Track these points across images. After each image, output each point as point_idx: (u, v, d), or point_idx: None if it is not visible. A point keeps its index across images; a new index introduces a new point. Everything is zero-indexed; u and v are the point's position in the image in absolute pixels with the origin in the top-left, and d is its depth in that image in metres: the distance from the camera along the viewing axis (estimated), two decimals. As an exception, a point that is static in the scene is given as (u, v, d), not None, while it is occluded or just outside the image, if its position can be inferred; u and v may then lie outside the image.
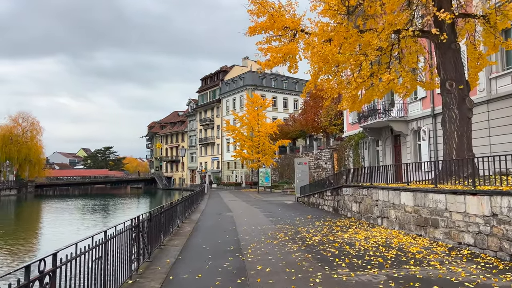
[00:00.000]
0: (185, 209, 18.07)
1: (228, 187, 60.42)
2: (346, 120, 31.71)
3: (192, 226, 14.61)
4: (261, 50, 12.02)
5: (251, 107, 49.39)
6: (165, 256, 9.12)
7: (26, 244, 19.52)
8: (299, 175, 25.67)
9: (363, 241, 9.92)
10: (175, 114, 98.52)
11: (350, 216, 15.47)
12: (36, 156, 74.50)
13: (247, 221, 15.50)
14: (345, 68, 11.94)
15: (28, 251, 17.10)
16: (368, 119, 25.78)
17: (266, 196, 36.14)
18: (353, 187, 14.92)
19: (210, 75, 79.09)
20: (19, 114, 74.45)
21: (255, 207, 23.05)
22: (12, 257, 15.95)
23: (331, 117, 43.66)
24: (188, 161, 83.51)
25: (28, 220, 32.82)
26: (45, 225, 29.18)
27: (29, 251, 17.13)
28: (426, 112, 21.84)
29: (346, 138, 30.61)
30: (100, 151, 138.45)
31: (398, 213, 11.34)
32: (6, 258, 15.73)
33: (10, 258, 15.76)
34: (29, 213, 40.23)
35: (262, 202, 27.60)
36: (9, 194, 60.32)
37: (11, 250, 17.42)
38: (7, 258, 15.71)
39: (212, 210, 22.68)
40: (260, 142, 46.72)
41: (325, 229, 12.27)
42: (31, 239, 21.54)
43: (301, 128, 52.67)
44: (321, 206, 19.64)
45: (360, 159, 27.31)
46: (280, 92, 68.72)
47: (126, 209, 40.30)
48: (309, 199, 22.32)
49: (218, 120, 72.08)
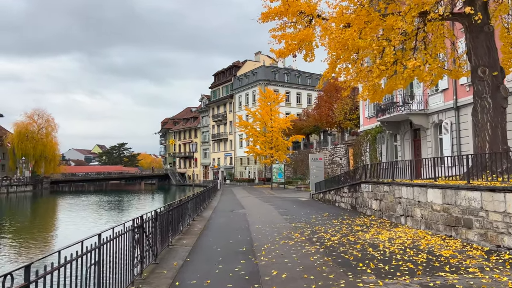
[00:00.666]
0: (197, 206, 17.46)
1: (241, 183, 59.86)
2: (362, 114, 30.67)
3: (203, 224, 13.97)
4: (274, 37, 11.22)
5: (264, 102, 48.60)
6: (172, 257, 8.47)
7: (33, 241, 19.22)
8: (314, 171, 24.81)
9: (387, 242, 9.09)
10: (188, 110, 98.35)
11: (369, 214, 14.60)
12: (51, 153, 75.19)
13: (260, 219, 14.80)
14: (365, 55, 11.07)
15: (31, 250, 16.75)
16: (386, 113, 24.74)
17: (280, 192, 35.39)
18: (373, 184, 14.05)
19: (223, 70, 78.45)
20: (34, 111, 75.21)
21: (269, 204, 22.34)
22: (13, 256, 15.60)
23: (346, 112, 42.58)
24: (201, 157, 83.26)
25: (41, 216, 32.80)
26: (57, 221, 29.06)
27: (32, 249, 16.78)
28: (448, 104, 20.71)
29: (362, 133, 29.59)
30: (115, 148, 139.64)
31: (425, 212, 10.46)
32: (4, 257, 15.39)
33: (9, 257, 15.41)
34: (43, 209, 40.37)
35: (275, 198, 26.87)
36: (24, 190, 60.91)
37: (13, 249, 17.11)
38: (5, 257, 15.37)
39: (225, 207, 22.06)
40: (273, 138, 45.93)
41: (344, 229, 11.47)
42: (38, 236, 21.27)
43: (315, 123, 51.64)
44: (338, 203, 18.80)
45: (377, 154, 26.30)
46: (293, 87, 67.70)
47: (140, 206, 40.07)
48: (324, 196, 21.48)
49: (230, 116, 71.48)
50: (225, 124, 74.01)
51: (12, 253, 16.16)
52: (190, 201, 14.32)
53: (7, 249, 17.03)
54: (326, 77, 11.49)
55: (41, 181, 69.02)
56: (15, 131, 71.93)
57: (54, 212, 36.68)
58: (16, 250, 16.81)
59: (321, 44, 11.13)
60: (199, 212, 18.32)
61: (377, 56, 10.16)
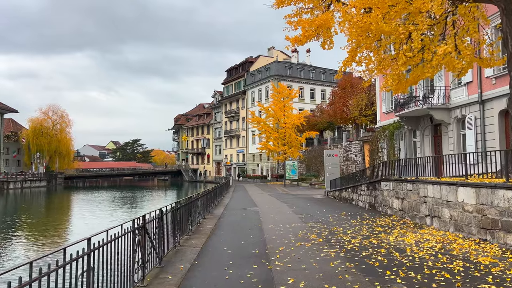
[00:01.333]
0: (208, 204, 16.84)
1: (254, 179, 59.21)
2: (379, 109, 29.59)
3: (214, 223, 13.32)
4: (290, 23, 10.42)
5: (277, 98, 47.76)
6: (179, 260, 7.81)
7: (39, 238, 18.89)
8: (329, 167, 23.93)
9: (414, 246, 8.25)
10: (200, 107, 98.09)
11: (390, 214, 13.74)
12: (65, 148, 75.83)
13: (273, 217, 14.07)
14: (388, 42, 10.18)
15: (29, 249, 16.37)
16: (404, 107, 23.68)
17: (293, 189, 34.61)
18: (395, 182, 13.17)
19: (235, 66, 77.76)
20: (49, 107, 75.84)
21: (282, 201, 21.59)
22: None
23: (361, 107, 41.45)
24: (213, 153, 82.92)
25: (52, 212, 32.71)
26: (67, 217, 28.88)
27: (31, 248, 16.40)
28: (472, 98, 19.58)
29: (379, 129, 28.53)
30: (128, 144, 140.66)
31: (454, 213, 9.57)
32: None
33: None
34: (55, 204, 40.42)
35: (289, 196, 26.10)
36: (39, 185, 61.43)
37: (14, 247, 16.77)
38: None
39: (237, 204, 21.40)
40: (286, 134, 45.09)
41: (364, 230, 10.65)
42: (45, 232, 20.96)
43: (329, 120, 50.60)
44: (355, 201, 17.94)
45: (395, 150, 25.26)
46: (307, 83, 66.59)
47: (152, 202, 39.78)
48: (340, 193, 20.63)
49: (243, 112, 70.81)
50: (237, 120, 73.40)
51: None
52: (200, 198, 13.68)
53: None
54: (345, 66, 10.64)
55: (55, 176, 69.56)
56: (30, 127, 72.72)
57: (66, 208, 36.65)
58: (14, 247, 16.46)
59: (341, 31, 10.27)
60: (210, 209, 17.69)
61: (403, 42, 9.27)
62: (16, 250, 15.58)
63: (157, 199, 43.71)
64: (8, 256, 14.36)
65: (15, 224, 23.43)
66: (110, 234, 4.82)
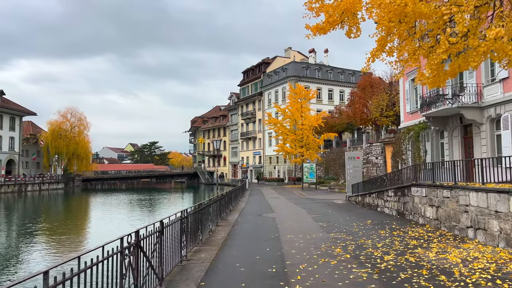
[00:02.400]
0: (221, 209, 15.77)
1: (270, 182, 57.98)
2: (403, 109, 28.01)
3: (227, 231, 12.22)
4: (311, 9, 9.25)
5: (294, 99, 46.53)
6: (184, 280, 6.71)
7: (46, 247, 18.18)
8: (351, 171, 22.52)
9: (462, 266, 6.92)
10: (217, 109, 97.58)
11: (423, 223, 12.33)
12: (83, 151, 76.30)
13: (292, 225, 12.87)
14: (424, 28, 8.89)
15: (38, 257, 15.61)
16: (431, 107, 22.14)
17: (312, 193, 33.25)
18: (428, 187, 11.78)
19: (252, 67, 76.83)
20: (67, 110, 76.48)
21: (301, 206, 20.34)
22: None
23: (382, 108, 39.81)
24: (229, 155, 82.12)
25: (67, 216, 32.29)
26: (81, 222, 28.29)
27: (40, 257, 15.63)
28: (509, 96, 17.95)
29: (403, 130, 26.96)
30: (146, 146, 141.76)
31: (506, 225, 8.19)
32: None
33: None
34: (70, 208, 40.14)
35: (307, 200, 24.80)
36: (56, 187, 61.73)
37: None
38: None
39: (253, 209, 20.28)
40: (303, 136, 43.78)
41: (396, 243, 9.33)
42: (51, 240, 20.29)
43: (348, 121, 49.01)
44: (380, 208, 16.53)
45: (421, 153, 23.68)
46: (324, 83, 65.02)
47: (169, 205, 39.06)
48: (363, 199, 19.24)
49: (259, 114, 69.72)
50: (254, 122, 72.35)
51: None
52: (212, 204, 12.60)
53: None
54: (374, 57, 9.39)
55: (73, 179, 69.92)
56: (49, 129, 73.46)
57: (81, 211, 36.24)
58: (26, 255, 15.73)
59: (369, 17, 9.04)
60: (224, 215, 16.61)
61: (443, 27, 7.97)
62: (25, 259, 14.87)
63: (174, 203, 42.98)
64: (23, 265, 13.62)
65: (28, 228, 22.92)
66: (92, 256, 3.74)
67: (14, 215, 30.27)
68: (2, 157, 59.11)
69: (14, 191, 51.66)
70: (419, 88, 25.41)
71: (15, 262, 14.13)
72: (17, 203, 41.90)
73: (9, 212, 32.67)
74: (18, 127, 63.16)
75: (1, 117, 58.49)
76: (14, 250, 16.41)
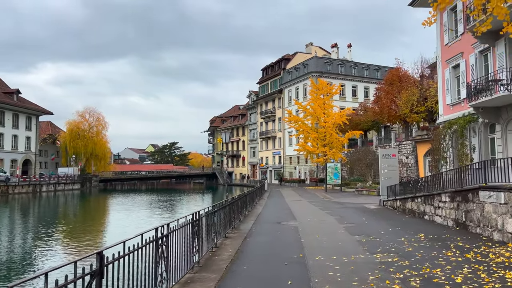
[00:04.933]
0: (233, 216, 13.11)
1: (291, 183, 55.04)
2: (442, 101, 24.65)
3: (236, 246, 9.54)
4: None
5: (316, 95, 43.47)
6: None
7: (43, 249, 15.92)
8: (385, 171, 19.39)
9: None
10: (236, 108, 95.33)
11: (501, 240, 9.15)
12: (101, 151, 75.42)
13: (320, 240, 10.04)
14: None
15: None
16: (480, 96, 18.88)
17: (337, 196, 30.17)
18: (509, 191, 8.71)
19: (271, 64, 74.10)
20: (86, 110, 75.76)
21: (327, 212, 17.44)
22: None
23: (412, 104, 36.35)
24: (248, 155, 79.59)
25: (75, 219, 30.34)
26: (92, 226, 26.18)
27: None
28: None
29: (443, 124, 23.62)
30: (166, 147, 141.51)
31: None
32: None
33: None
34: (82, 210, 38.36)
35: (334, 204, 21.83)
36: (72, 188, 60.59)
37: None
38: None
39: (271, 215, 17.54)
40: (326, 134, 40.67)
41: (483, 275, 6.21)
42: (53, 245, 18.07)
43: (374, 118, 45.61)
44: (429, 216, 13.41)
45: (467, 150, 20.34)
46: (348, 79, 61.57)
47: (183, 207, 36.72)
48: (404, 204, 16.14)
49: (279, 112, 66.85)
50: (273, 121, 69.53)
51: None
52: (218, 211, 9.89)
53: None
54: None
55: (90, 179, 68.82)
56: (67, 129, 72.89)
57: (91, 214, 34.32)
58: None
59: None
60: (236, 223, 13.94)
61: None
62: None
63: (192, 204, 40.63)
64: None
65: (40, 231, 20.90)
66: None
67: (24, 217, 28.56)
68: (18, 157, 58.40)
69: (28, 192, 50.60)
70: (462, 76, 22.06)
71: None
72: (30, 204, 40.49)
73: (19, 213, 31.11)
74: (35, 127, 62.43)
75: (17, 117, 57.77)
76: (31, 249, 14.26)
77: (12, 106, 55.85)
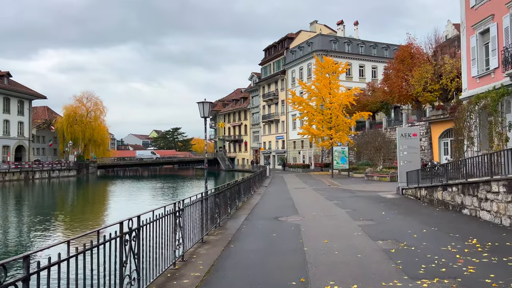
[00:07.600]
0: (218, 211, 10.36)
1: (295, 169, 52.24)
2: (466, 74, 21.49)
3: (214, 257, 6.81)
4: None
5: (321, 74, 40.27)
6: None
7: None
8: (404, 153, 16.40)
9: None
10: (238, 91, 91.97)
11: None
12: (100, 136, 72.93)
13: (330, 249, 7.19)
14: None
15: None
16: (518, 64, 15.82)
17: (345, 182, 27.30)
18: None
19: (274, 44, 70.47)
20: (83, 94, 73.04)
21: (336, 203, 14.63)
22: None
23: (425, 81, 33.13)
24: (250, 140, 76.72)
25: (66, 206, 27.86)
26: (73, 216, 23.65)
27: None
28: None
29: (468, 100, 20.53)
30: (169, 132, 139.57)
31: None
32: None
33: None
34: (72, 198, 35.91)
35: (343, 193, 19.00)
36: (68, 175, 58.24)
37: None
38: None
39: (269, 207, 14.79)
40: (332, 116, 37.65)
41: None
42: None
43: (383, 99, 42.39)
44: (470, 210, 10.41)
45: (501, 128, 17.29)
46: (355, 58, 58.00)
47: (180, 193, 34.15)
48: (431, 193, 13.23)
49: (282, 95, 63.60)
50: (276, 104, 66.36)
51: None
52: (194, 204, 7.11)
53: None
54: None
55: (87, 165, 66.41)
56: (64, 114, 70.34)
57: (72, 204, 31.82)
58: None
59: None
60: (223, 218, 11.20)
61: None
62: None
63: (180, 191, 38.08)
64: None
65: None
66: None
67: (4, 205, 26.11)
68: (11, 143, 55.95)
69: (20, 179, 48.29)
70: (492, 42, 18.84)
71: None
72: (17, 192, 38.11)
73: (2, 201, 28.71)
74: (28, 111, 59.76)
75: (7, 101, 55.06)
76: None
77: (2, 89, 53.08)
